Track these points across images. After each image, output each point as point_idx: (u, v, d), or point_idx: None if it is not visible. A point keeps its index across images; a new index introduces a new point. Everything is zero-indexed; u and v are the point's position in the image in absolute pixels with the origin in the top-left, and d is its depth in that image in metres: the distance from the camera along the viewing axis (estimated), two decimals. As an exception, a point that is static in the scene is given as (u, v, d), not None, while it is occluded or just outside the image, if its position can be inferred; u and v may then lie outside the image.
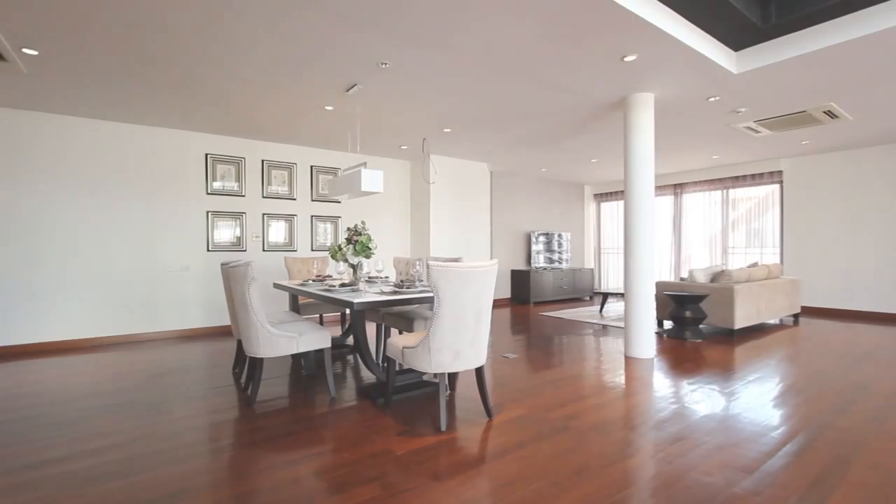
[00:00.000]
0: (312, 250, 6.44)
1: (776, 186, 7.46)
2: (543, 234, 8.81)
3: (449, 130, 5.55)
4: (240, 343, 3.66)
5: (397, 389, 3.19)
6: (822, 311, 6.92)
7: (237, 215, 5.81)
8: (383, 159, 7.13)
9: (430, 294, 3.04)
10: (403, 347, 2.69)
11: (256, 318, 2.89)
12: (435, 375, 3.50)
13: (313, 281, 4.06)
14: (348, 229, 3.67)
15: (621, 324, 6.03)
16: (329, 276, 4.34)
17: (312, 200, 6.43)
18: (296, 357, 4.22)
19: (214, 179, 5.65)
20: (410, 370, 3.45)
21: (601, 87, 4.12)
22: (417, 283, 3.46)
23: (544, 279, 8.38)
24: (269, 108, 4.63)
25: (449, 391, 3.25)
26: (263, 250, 6.02)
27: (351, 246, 3.57)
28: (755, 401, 3.06)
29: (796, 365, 3.98)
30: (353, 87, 4.02)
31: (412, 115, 4.92)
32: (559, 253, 9.12)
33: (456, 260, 3.43)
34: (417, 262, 3.62)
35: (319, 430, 2.57)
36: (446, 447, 2.35)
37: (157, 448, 2.36)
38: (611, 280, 9.98)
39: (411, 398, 3.12)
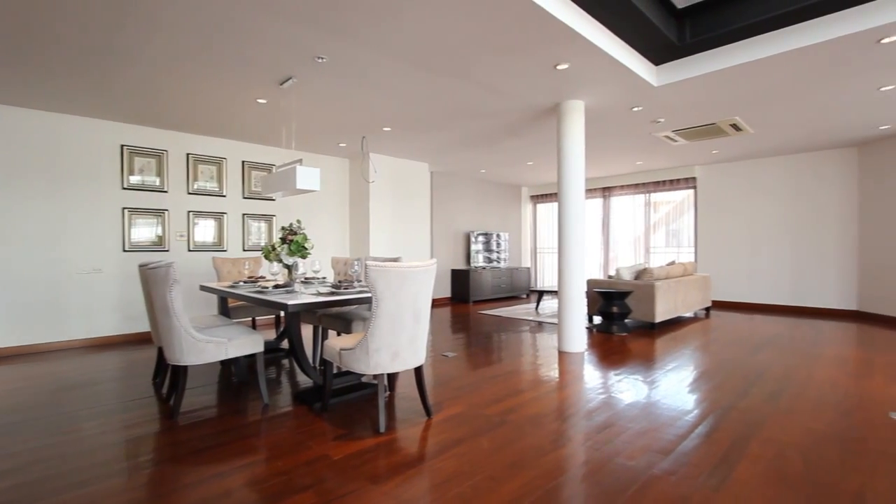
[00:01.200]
0: (244, 250, 6.12)
1: (691, 191, 8.16)
2: (482, 234, 9.00)
3: (389, 129, 5.51)
4: (161, 350, 3.40)
5: (335, 393, 3.13)
6: (730, 305, 7.67)
7: (158, 213, 5.39)
8: (321, 157, 6.93)
9: (369, 294, 3.01)
10: (341, 349, 2.64)
11: (179, 323, 2.70)
12: (374, 377, 3.46)
13: (244, 283, 3.86)
14: (283, 228, 3.53)
15: (555, 320, 6.30)
16: (262, 278, 4.15)
17: (244, 198, 6.11)
18: (225, 364, 4.00)
19: (132, 173, 5.19)
20: (349, 372, 3.38)
21: (536, 93, 4.28)
22: (356, 284, 3.41)
23: (483, 278, 8.56)
24: (195, 98, 4.34)
25: (388, 392, 3.23)
26: (189, 250, 5.63)
27: (286, 246, 3.44)
28: (673, 388, 3.33)
29: (707, 354, 4.37)
30: (287, 80, 3.87)
31: (351, 112, 4.83)
32: (497, 252, 9.36)
33: (395, 260, 3.42)
34: (356, 262, 3.56)
35: (251, 440, 2.46)
36: (385, 449, 2.34)
37: (63, 469, 2.13)
38: (546, 278, 10.39)
39: (349, 401, 3.06)
